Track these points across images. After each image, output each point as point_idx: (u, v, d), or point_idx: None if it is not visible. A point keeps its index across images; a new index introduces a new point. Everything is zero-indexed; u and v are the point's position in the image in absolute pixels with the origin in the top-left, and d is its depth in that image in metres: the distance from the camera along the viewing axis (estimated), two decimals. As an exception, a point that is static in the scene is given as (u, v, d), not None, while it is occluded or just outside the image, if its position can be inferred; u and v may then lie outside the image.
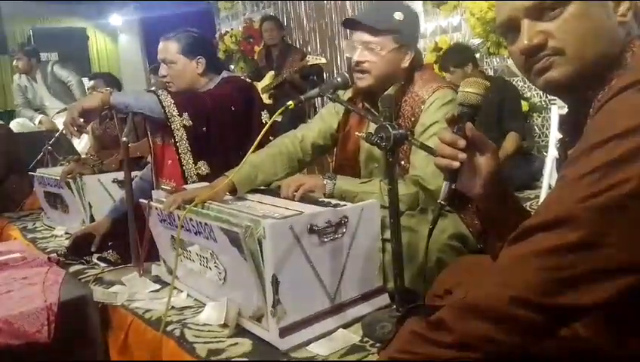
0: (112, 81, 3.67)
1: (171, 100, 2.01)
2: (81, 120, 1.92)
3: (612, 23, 0.85)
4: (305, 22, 5.94)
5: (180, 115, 2.01)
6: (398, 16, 1.70)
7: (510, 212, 1.01)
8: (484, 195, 0.99)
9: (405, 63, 1.75)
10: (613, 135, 0.71)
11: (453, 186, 0.98)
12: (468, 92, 0.98)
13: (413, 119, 1.72)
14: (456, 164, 0.96)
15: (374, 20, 1.69)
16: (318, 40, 5.82)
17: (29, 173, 3.14)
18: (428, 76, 1.78)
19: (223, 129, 2.11)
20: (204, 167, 2.08)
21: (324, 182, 1.68)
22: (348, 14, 5.35)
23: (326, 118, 1.95)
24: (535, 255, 0.73)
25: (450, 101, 1.68)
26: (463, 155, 0.96)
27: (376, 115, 1.63)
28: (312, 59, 4.57)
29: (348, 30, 1.82)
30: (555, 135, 3.00)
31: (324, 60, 4.69)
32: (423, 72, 1.79)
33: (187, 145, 2.04)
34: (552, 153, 2.97)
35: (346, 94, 1.92)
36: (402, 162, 1.75)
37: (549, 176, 2.92)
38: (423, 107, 1.71)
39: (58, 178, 2.70)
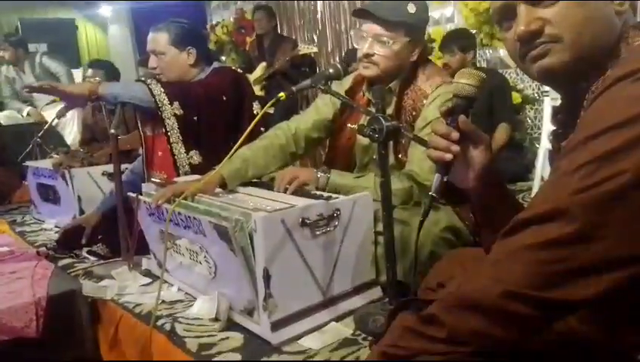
0: (112, 70, 3.59)
1: (161, 89, 1.98)
2: (45, 87, 1.92)
3: (609, 11, 0.84)
4: (296, 13, 5.88)
5: (171, 104, 1.99)
6: (411, 8, 1.67)
7: (504, 205, 1.00)
8: (477, 188, 0.98)
9: (414, 57, 1.74)
10: (608, 126, 0.70)
11: (445, 179, 0.97)
12: (463, 83, 0.97)
13: (414, 113, 1.71)
14: (449, 156, 0.95)
15: (388, 12, 1.65)
16: (306, 31, 5.78)
17: (23, 164, 3.10)
18: (431, 70, 1.76)
19: (214, 118, 2.09)
20: (195, 157, 2.06)
21: (318, 176, 1.66)
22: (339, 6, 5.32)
23: (321, 108, 1.93)
24: (528, 248, 0.72)
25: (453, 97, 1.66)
26: (456, 148, 0.95)
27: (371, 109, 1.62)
28: (303, 49, 4.55)
29: (352, 20, 1.76)
30: (547, 127, 3.00)
31: (315, 49, 4.67)
32: (426, 66, 1.77)
33: (178, 134, 2.02)
34: (544, 145, 2.98)
35: (344, 84, 1.90)
36: (400, 155, 1.73)
37: (542, 168, 2.93)
38: (425, 101, 1.69)
39: (52, 169, 2.67)
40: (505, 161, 3.24)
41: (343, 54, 4.88)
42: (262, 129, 2.00)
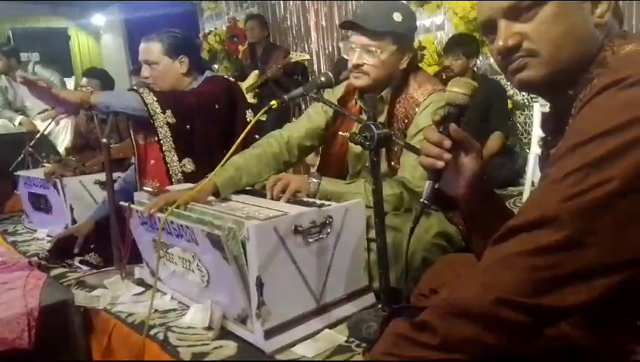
0: (106, 79, 3.59)
1: (154, 98, 1.99)
2: (41, 83, 1.92)
3: (588, 24, 0.85)
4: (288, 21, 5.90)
5: (163, 112, 1.99)
6: (397, 17, 1.67)
7: (493, 211, 1.01)
8: (467, 195, 0.99)
9: (403, 64, 1.74)
10: (596, 134, 0.71)
11: (436, 186, 0.98)
12: (456, 92, 0.98)
13: (406, 121, 1.72)
14: (441, 163, 0.95)
15: (374, 23, 1.65)
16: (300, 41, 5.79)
17: (15, 173, 3.08)
18: (422, 78, 1.76)
19: (207, 126, 2.09)
20: (188, 165, 2.06)
21: (309, 182, 1.67)
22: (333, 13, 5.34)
23: (313, 117, 1.93)
24: (519, 255, 0.73)
25: (445, 105, 1.67)
26: (448, 155, 0.95)
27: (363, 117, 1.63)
28: (295, 56, 4.56)
29: (344, 30, 1.76)
30: (537, 132, 3.03)
31: (307, 57, 4.68)
32: (417, 74, 1.78)
33: (171, 142, 2.02)
34: (534, 150, 3.00)
35: (337, 92, 1.91)
36: (393, 163, 1.74)
37: (532, 173, 2.95)
38: (417, 109, 1.70)
39: (43, 178, 2.66)
40: (496, 166, 3.26)
41: (334, 61, 4.90)
42: (256, 136, 2.01)
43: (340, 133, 1.88)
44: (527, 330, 0.74)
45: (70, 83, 5.73)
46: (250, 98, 4.53)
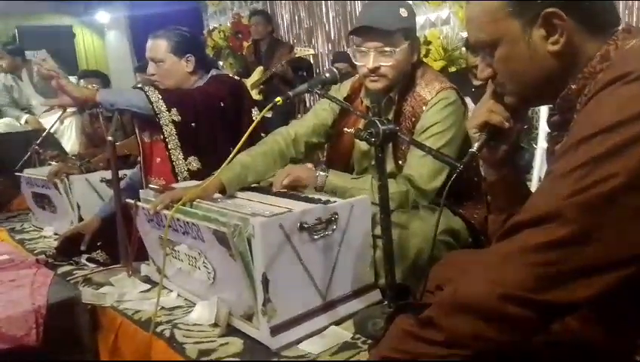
0: (103, 80, 3.62)
1: (159, 96, 1.99)
2: (51, 72, 1.90)
3: (540, 57, 0.88)
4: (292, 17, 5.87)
5: (169, 111, 1.99)
6: (403, 12, 1.66)
7: (516, 186, 1.07)
8: (504, 159, 1.04)
9: (414, 58, 1.74)
10: (600, 129, 0.71)
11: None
12: None
13: (413, 119, 1.71)
14: (507, 124, 1.00)
15: (387, 23, 1.63)
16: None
17: (16, 173, 3.09)
18: (430, 76, 1.75)
19: (212, 125, 2.09)
20: (194, 163, 2.06)
21: (317, 174, 1.67)
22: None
23: (320, 113, 1.93)
24: (524, 251, 0.73)
25: (453, 102, 1.67)
26: (511, 121, 1.01)
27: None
28: (299, 51, 4.55)
29: (354, 36, 1.72)
30: (544, 127, 3.01)
31: (312, 51, 4.67)
32: (424, 72, 1.76)
33: (177, 140, 2.02)
34: (541, 145, 2.98)
35: (342, 91, 1.90)
36: (400, 161, 1.73)
37: (539, 168, 2.93)
38: (424, 108, 1.69)
39: (45, 178, 2.67)
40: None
41: (331, 56, 4.89)
42: (262, 134, 2.01)
43: (346, 129, 1.87)
44: (532, 325, 0.74)
45: (75, 81, 5.75)
46: (255, 95, 4.53)
